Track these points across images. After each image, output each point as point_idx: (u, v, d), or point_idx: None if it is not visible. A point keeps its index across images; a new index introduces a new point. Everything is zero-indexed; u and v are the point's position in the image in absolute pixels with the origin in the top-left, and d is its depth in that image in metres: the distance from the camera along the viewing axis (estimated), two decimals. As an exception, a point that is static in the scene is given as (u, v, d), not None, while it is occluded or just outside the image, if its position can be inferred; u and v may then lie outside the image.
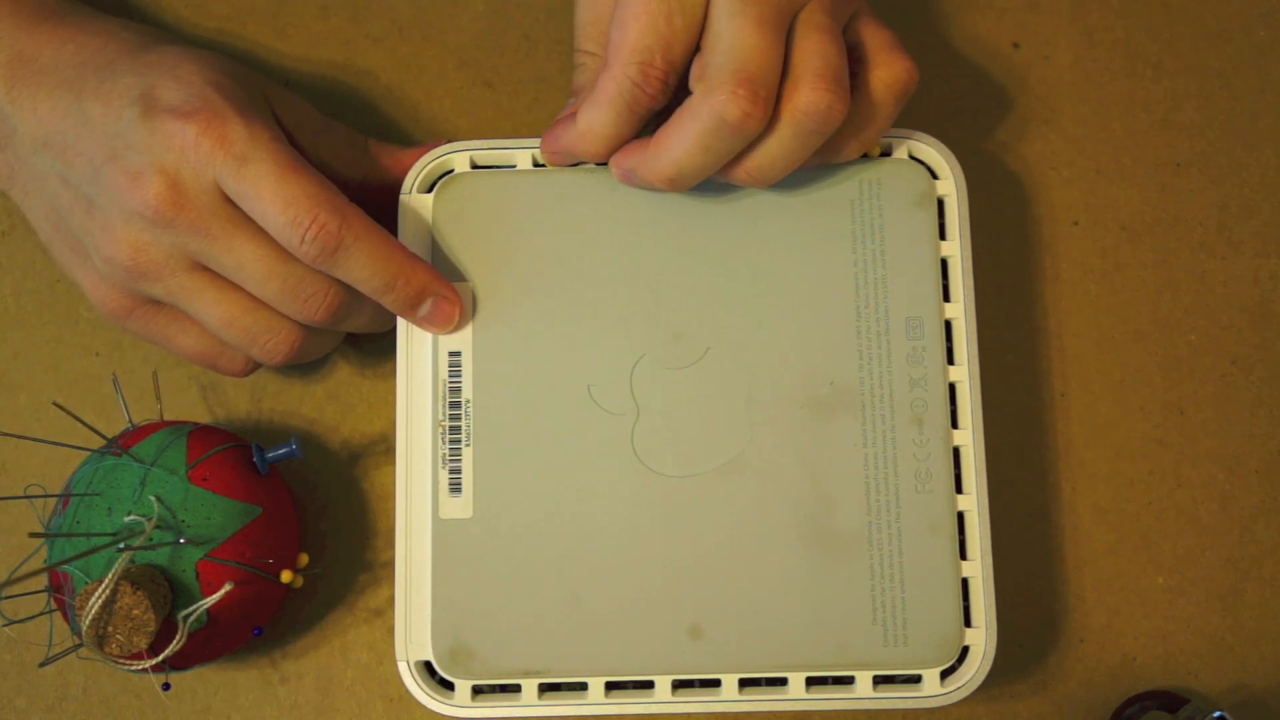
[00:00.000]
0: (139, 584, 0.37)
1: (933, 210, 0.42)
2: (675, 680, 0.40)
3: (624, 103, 0.38)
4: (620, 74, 0.37)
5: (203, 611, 0.38)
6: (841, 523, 0.40)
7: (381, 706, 0.45)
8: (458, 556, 0.40)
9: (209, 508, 0.39)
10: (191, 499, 0.39)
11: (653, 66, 0.37)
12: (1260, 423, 0.46)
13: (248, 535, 0.39)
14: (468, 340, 0.41)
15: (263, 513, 0.40)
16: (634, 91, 0.37)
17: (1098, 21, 0.48)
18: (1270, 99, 0.48)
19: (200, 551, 0.38)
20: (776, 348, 0.41)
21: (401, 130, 0.47)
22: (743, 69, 0.36)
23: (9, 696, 0.45)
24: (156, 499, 0.38)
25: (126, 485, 0.39)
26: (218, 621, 0.39)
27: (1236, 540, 0.45)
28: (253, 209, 0.37)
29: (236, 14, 0.48)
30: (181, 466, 0.39)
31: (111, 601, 0.36)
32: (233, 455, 0.40)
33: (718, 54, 0.36)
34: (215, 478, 0.39)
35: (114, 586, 0.36)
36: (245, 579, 0.39)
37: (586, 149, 0.40)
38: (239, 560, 0.39)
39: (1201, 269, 0.47)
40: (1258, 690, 0.45)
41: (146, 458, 0.39)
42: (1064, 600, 0.45)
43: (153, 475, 0.39)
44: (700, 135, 0.37)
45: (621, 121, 0.38)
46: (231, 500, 0.39)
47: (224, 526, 0.39)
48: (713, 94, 0.36)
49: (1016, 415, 0.46)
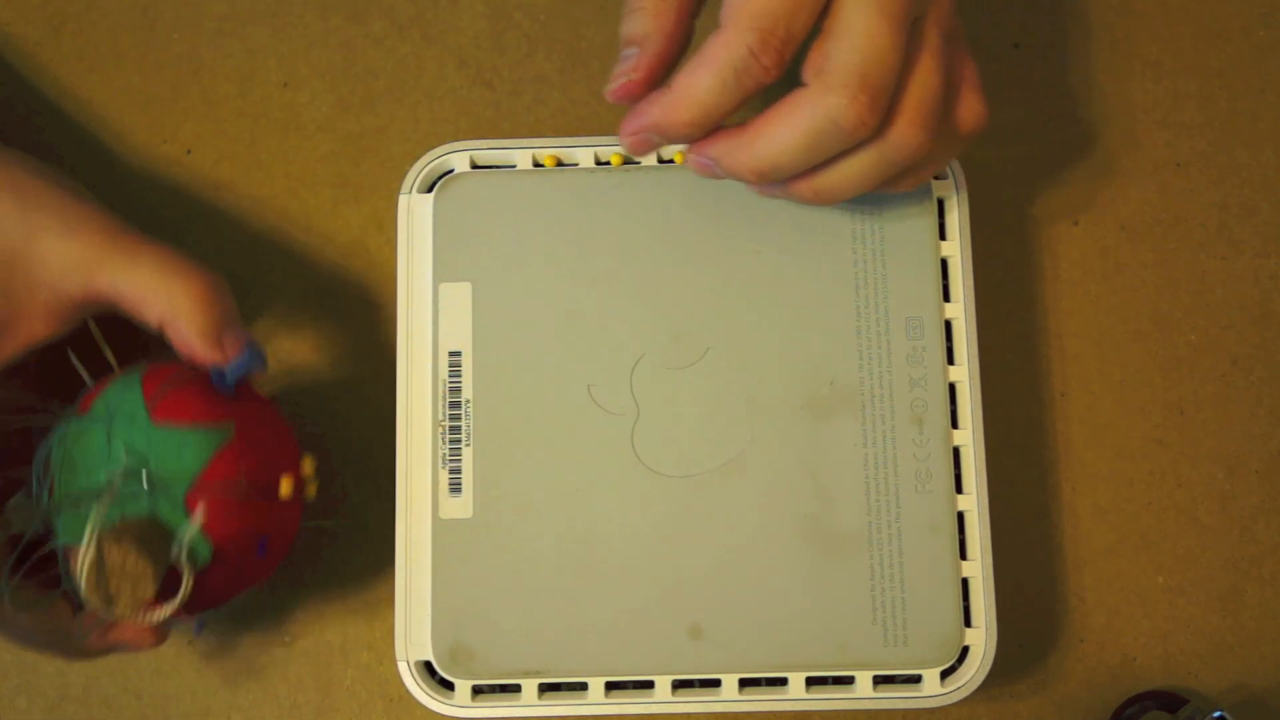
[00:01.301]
0: (123, 536, 0.35)
1: (933, 210, 0.42)
2: (675, 680, 0.40)
3: (733, 72, 0.34)
4: (736, 39, 0.33)
5: (204, 544, 0.37)
6: (841, 523, 0.40)
7: (381, 706, 0.45)
8: (458, 556, 0.40)
9: (177, 443, 0.37)
10: (156, 440, 0.37)
11: (774, 35, 0.33)
12: (1260, 423, 0.46)
13: (225, 457, 0.37)
14: (468, 340, 0.41)
15: (236, 431, 0.38)
16: (748, 61, 0.34)
17: (1098, 21, 0.48)
18: (1270, 99, 0.48)
19: (181, 489, 0.37)
20: (776, 348, 0.41)
21: (402, 130, 0.47)
22: (871, 72, 0.33)
23: (9, 696, 0.45)
24: (125, 450, 0.37)
25: (96, 445, 0.37)
26: (224, 551, 0.37)
27: (1236, 540, 0.45)
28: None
29: (236, 14, 0.48)
30: (140, 410, 0.37)
31: (102, 562, 0.35)
32: (191, 385, 0.38)
33: (846, 47, 0.34)
34: (176, 411, 0.37)
35: (97, 546, 0.35)
36: (236, 501, 0.37)
37: (680, 117, 0.35)
38: (228, 485, 0.37)
39: (1201, 269, 0.47)
40: (1258, 690, 0.45)
41: (106, 412, 0.37)
42: (1064, 600, 0.45)
43: (115, 427, 0.37)
44: (808, 133, 0.34)
45: (726, 93, 0.34)
46: (197, 429, 0.37)
47: (197, 457, 0.37)
48: (832, 93, 0.34)
49: (1016, 415, 0.46)
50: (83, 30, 0.48)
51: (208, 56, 0.48)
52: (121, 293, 0.38)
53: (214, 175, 0.47)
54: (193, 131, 0.48)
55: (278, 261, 0.47)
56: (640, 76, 0.36)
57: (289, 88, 0.48)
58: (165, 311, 0.38)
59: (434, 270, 0.42)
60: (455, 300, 0.42)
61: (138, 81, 0.48)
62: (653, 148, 0.37)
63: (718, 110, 0.35)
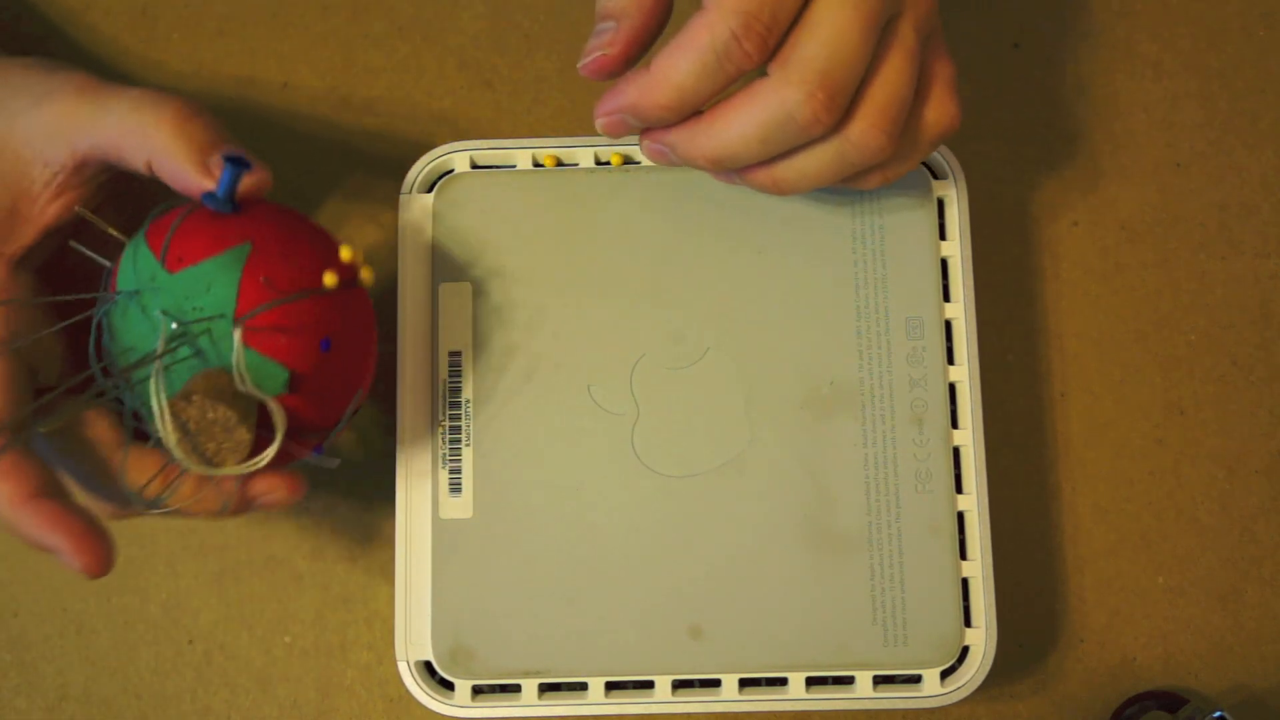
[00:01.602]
0: (190, 394, 0.34)
1: (933, 210, 0.42)
2: (675, 680, 0.40)
3: (715, 56, 0.33)
4: (720, 22, 0.33)
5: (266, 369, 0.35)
6: (841, 523, 0.40)
7: (381, 706, 0.45)
8: (458, 557, 0.40)
9: (201, 283, 0.35)
10: (181, 289, 0.35)
11: (759, 21, 0.33)
12: (1260, 423, 0.46)
13: (253, 274, 0.35)
14: (468, 340, 0.41)
15: (253, 241, 0.35)
16: (730, 45, 0.33)
17: (1098, 21, 0.48)
18: (1270, 99, 0.48)
19: (227, 324, 0.35)
20: (776, 348, 0.41)
21: (402, 130, 0.47)
22: (832, 70, 0.33)
23: (9, 696, 0.45)
24: (162, 313, 0.35)
25: (137, 321, 0.35)
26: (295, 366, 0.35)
27: (1236, 540, 0.45)
28: None
29: (236, 14, 0.48)
30: (157, 269, 0.35)
31: (185, 427, 0.34)
32: (192, 221, 0.36)
33: (812, 41, 0.33)
34: (188, 250, 0.35)
35: (172, 414, 0.34)
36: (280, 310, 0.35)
37: (657, 100, 0.34)
38: (265, 300, 0.35)
39: (1201, 269, 0.47)
40: (1258, 690, 0.45)
41: (129, 285, 0.36)
42: (1064, 600, 0.45)
43: (144, 296, 0.35)
44: (764, 125, 0.34)
45: (706, 77, 0.34)
46: (214, 259, 0.35)
47: (226, 285, 0.35)
48: (790, 86, 0.33)
49: (1016, 415, 0.46)
50: (83, 30, 0.48)
51: (208, 56, 0.48)
52: (102, 147, 0.36)
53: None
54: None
55: (278, 261, 0.47)
56: (616, 52, 0.35)
57: (289, 88, 0.48)
58: (146, 150, 0.36)
59: (434, 270, 0.42)
60: (455, 300, 0.42)
61: (138, 81, 0.48)
62: (629, 130, 0.36)
63: (696, 95, 0.34)
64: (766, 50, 0.33)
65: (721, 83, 0.34)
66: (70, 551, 0.34)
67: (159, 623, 0.45)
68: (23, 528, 0.34)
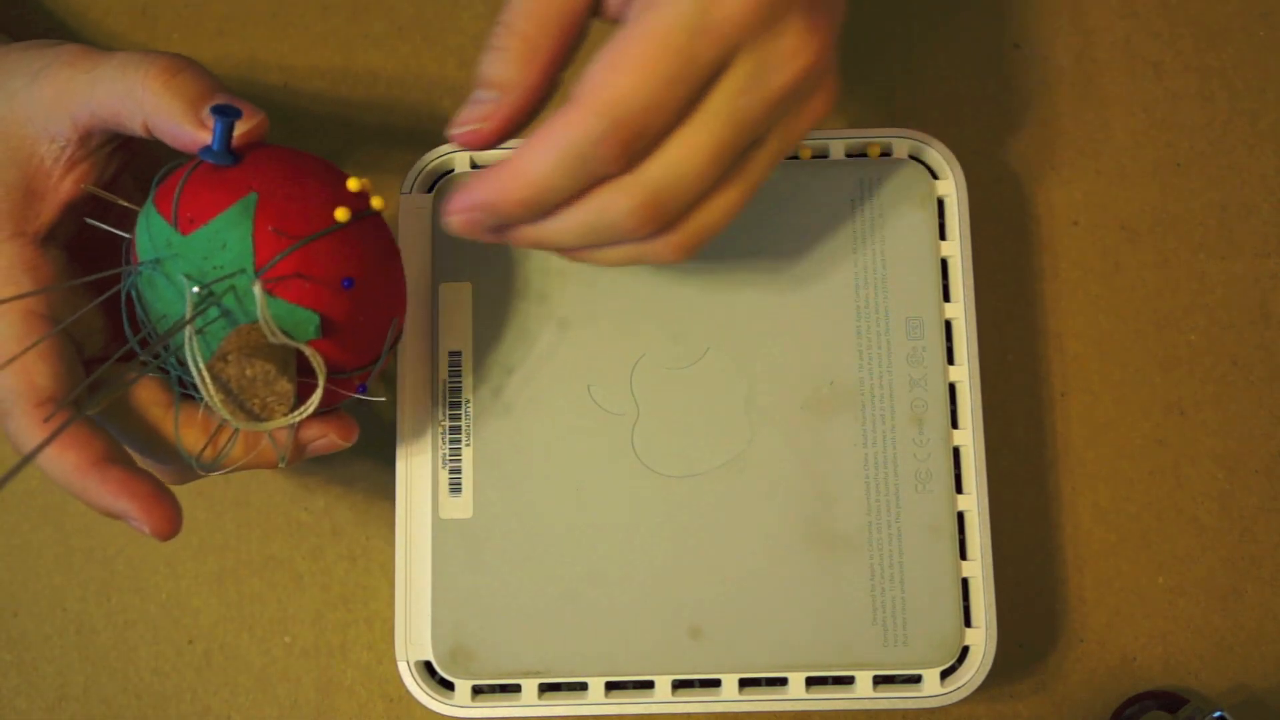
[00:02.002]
0: (225, 354, 0.34)
1: (933, 210, 0.42)
2: (675, 680, 0.40)
3: (577, 158, 0.31)
4: (584, 122, 0.30)
5: (296, 317, 0.34)
6: (841, 523, 0.40)
7: (381, 706, 0.45)
8: (458, 556, 0.40)
9: (215, 241, 0.34)
10: (197, 250, 0.34)
11: (626, 129, 0.30)
12: (1260, 423, 0.46)
13: (264, 223, 0.34)
14: (468, 340, 0.41)
15: (258, 191, 0.35)
16: (594, 149, 0.30)
17: (1098, 21, 0.48)
18: (1270, 99, 0.48)
19: (248, 280, 0.34)
20: (776, 348, 0.41)
21: (402, 130, 0.47)
22: (666, 193, 0.32)
23: (9, 696, 0.45)
24: (185, 277, 0.34)
25: (164, 288, 0.35)
26: (323, 309, 0.35)
27: (1236, 540, 0.45)
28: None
29: (236, 14, 0.48)
30: (171, 233, 0.35)
31: (226, 384, 0.34)
32: (197, 179, 0.35)
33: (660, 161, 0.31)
34: (197, 210, 0.34)
35: (211, 377, 0.34)
36: (296, 255, 0.34)
37: (514, 196, 0.32)
38: (281, 249, 0.34)
39: (1201, 269, 0.47)
40: (1258, 690, 0.45)
41: (149, 254, 0.35)
42: (1064, 600, 0.45)
43: (166, 264, 0.35)
44: (590, 225, 0.33)
45: (566, 178, 0.31)
46: (223, 215, 0.34)
47: (241, 238, 0.34)
48: (623, 194, 0.32)
49: (1016, 415, 0.46)
50: (82, 30, 0.48)
51: (208, 56, 0.48)
52: (99, 115, 0.35)
53: (214, 175, 0.47)
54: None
55: (278, 261, 0.47)
56: (491, 128, 0.33)
57: (289, 88, 0.48)
58: (141, 111, 0.35)
59: (434, 270, 0.42)
60: (455, 300, 0.42)
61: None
62: (482, 229, 0.34)
63: (554, 195, 0.32)
64: (629, 160, 0.31)
65: (583, 184, 0.32)
66: (139, 515, 0.34)
67: (159, 623, 0.45)
68: (91, 495, 0.34)
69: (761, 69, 0.31)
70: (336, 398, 0.36)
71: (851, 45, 0.48)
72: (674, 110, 0.31)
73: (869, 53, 0.48)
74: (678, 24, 0.30)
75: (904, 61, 0.48)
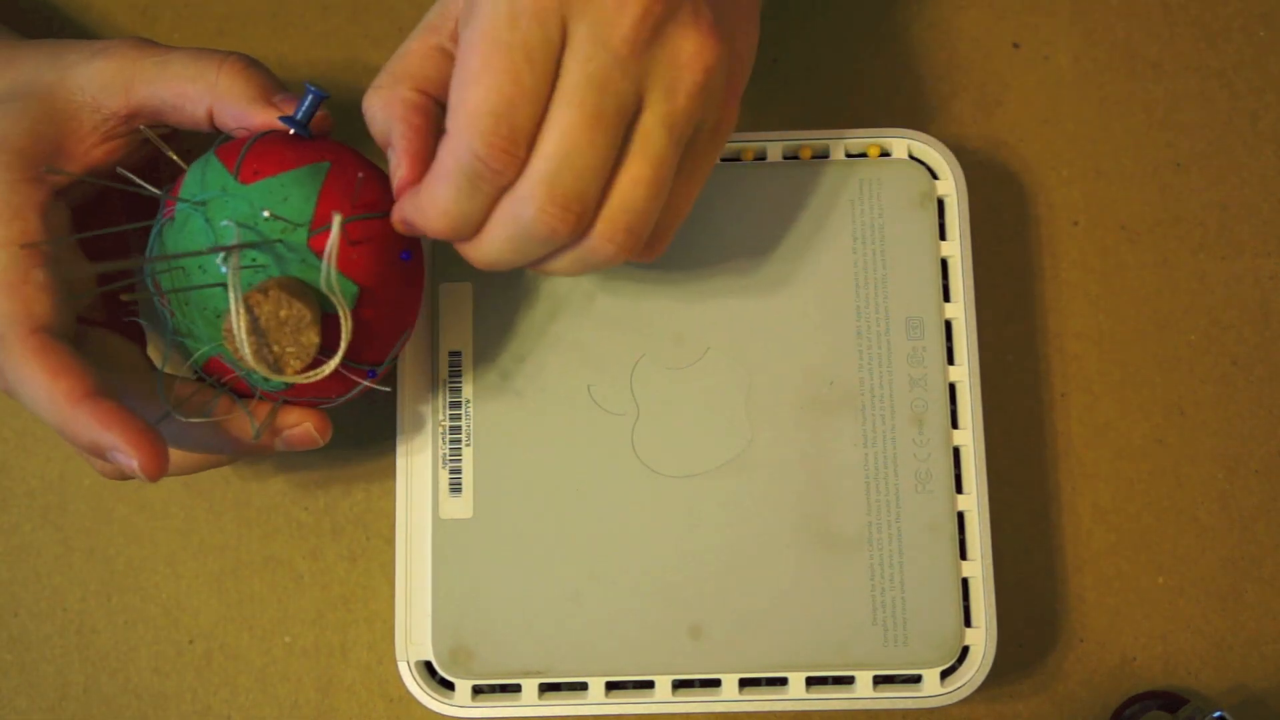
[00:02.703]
0: (267, 290, 0.33)
1: (933, 210, 0.42)
2: (675, 680, 0.40)
3: (468, 180, 0.32)
4: (461, 146, 0.32)
5: (342, 281, 0.34)
6: (841, 523, 0.40)
7: (381, 706, 0.45)
8: (458, 556, 0.40)
9: (279, 192, 0.35)
10: (257, 198, 0.34)
11: (497, 136, 0.31)
12: (1260, 423, 0.46)
13: (332, 189, 0.35)
14: (468, 340, 0.41)
15: (332, 164, 0.35)
16: (477, 167, 0.32)
17: (1098, 21, 0.48)
18: (1270, 99, 0.48)
19: (302, 237, 0.34)
20: (776, 348, 0.41)
21: (401, 130, 0.47)
22: (560, 181, 0.32)
23: (9, 696, 0.45)
24: (231, 222, 0.34)
25: (197, 233, 0.35)
26: (371, 280, 0.35)
27: (1236, 540, 0.45)
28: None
29: (236, 14, 0.48)
30: (229, 180, 0.35)
31: (256, 323, 0.34)
32: (267, 142, 0.36)
33: (540, 152, 0.32)
34: (264, 164, 0.35)
35: (246, 308, 0.33)
36: (360, 225, 0.35)
37: (434, 226, 0.34)
38: (344, 214, 0.34)
39: (1201, 269, 0.47)
40: (1258, 690, 0.45)
41: (193, 199, 0.35)
42: (1064, 600, 0.45)
43: (211, 209, 0.35)
44: (511, 239, 0.33)
45: (470, 199, 0.33)
46: (292, 172, 0.35)
47: (306, 198, 0.35)
48: (522, 201, 0.32)
49: (1016, 415, 0.46)
50: (82, 30, 0.48)
51: (208, 56, 0.48)
52: (162, 97, 0.38)
53: (214, 175, 0.47)
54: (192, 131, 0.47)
55: (278, 261, 0.47)
56: (404, 175, 0.35)
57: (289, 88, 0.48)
58: (209, 96, 0.37)
59: (434, 270, 0.42)
60: (455, 300, 0.42)
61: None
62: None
63: (466, 217, 0.33)
64: (518, 161, 0.32)
65: (487, 199, 0.33)
66: (129, 448, 0.33)
67: (159, 623, 0.45)
68: (78, 425, 0.34)
69: (596, 29, 0.31)
70: (339, 383, 0.36)
71: (852, 45, 0.48)
72: (535, 99, 0.31)
73: (869, 53, 0.48)
74: (494, 19, 0.31)
75: (904, 61, 0.48)
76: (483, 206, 0.33)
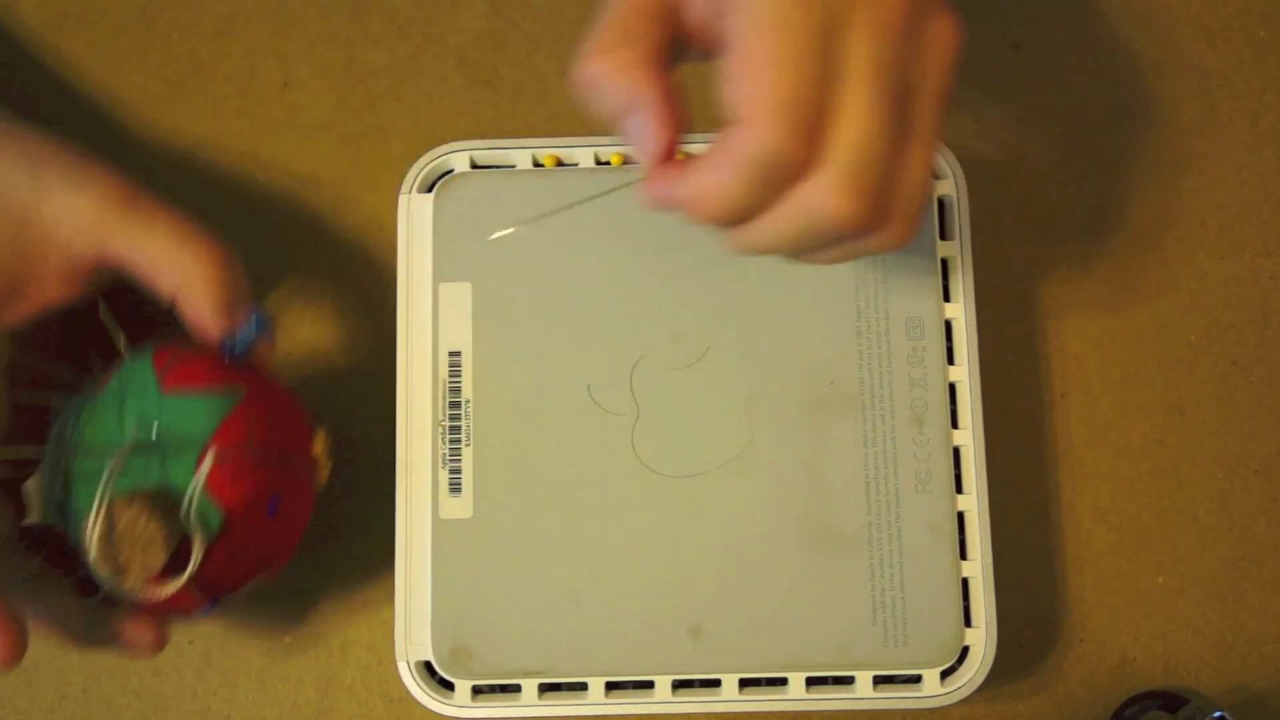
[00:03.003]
0: (132, 501, 0.35)
1: (933, 210, 0.42)
2: (675, 680, 0.40)
3: (762, 170, 0.30)
4: (757, 136, 0.29)
5: (209, 511, 0.36)
6: (841, 523, 0.40)
7: (381, 706, 0.45)
8: (458, 556, 0.40)
9: (188, 409, 0.36)
10: (168, 409, 0.36)
11: (804, 121, 0.29)
12: (1260, 423, 0.46)
13: (235, 420, 0.36)
14: (468, 340, 0.41)
15: (246, 392, 0.37)
16: (777, 157, 0.29)
17: (1098, 21, 0.48)
18: (1270, 99, 0.48)
19: (193, 455, 0.36)
20: (776, 348, 0.41)
21: (402, 130, 0.47)
22: (858, 169, 0.30)
23: (9, 696, 0.45)
24: (136, 421, 0.36)
25: (109, 421, 0.36)
26: (236, 519, 0.36)
27: (1236, 540, 0.45)
28: None
29: (236, 14, 0.48)
30: (151, 381, 0.37)
31: (112, 529, 0.34)
32: (201, 355, 0.38)
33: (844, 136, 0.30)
34: (186, 379, 0.37)
35: (108, 512, 0.34)
36: (246, 464, 0.36)
37: (709, 216, 0.31)
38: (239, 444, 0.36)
39: (1201, 269, 0.47)
40: (1258, 690, 0.45)
41: (116, 388, 0.37)
42: (1064, 600, 0.45)
43: (127, 401, 0.36)
44: (794, 230, 0.31)
45: (755, 189, 0.30)
46: (208, 393, 0.36)
47: (208, 421, 0.36)
48: (823, 193, 0.30)
49: (1016, 415, 0.46)
50: (83, 30, 0.48)
51: (208, 56, 0.48)
52: (135, 260, 0.37)
53: (214, 175, 0.47)
54: (193, 132, 0.48)
55: (278, 262, 0.47)
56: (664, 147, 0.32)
57: (289, 88, 0.48)
58: (179, 284, 0.38)
59: (434, 270, 0.42)
60: (455, 300, 0.42)
61: (138, 81, 0.48)
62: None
63: (750, 207, 0.31)
64: (810, 150, 0.30)
65: (775, 191, 0.30)
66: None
67: (159, 623, 0.45)
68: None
69: (873, 11, 0.30)
70: (179, 602, 0.36)
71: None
72: (822, 83, 0.30)
73: (869, 53, 0.48)
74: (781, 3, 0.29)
75: (904, 61, 0.48)
76: (770, 196, 0.31)
